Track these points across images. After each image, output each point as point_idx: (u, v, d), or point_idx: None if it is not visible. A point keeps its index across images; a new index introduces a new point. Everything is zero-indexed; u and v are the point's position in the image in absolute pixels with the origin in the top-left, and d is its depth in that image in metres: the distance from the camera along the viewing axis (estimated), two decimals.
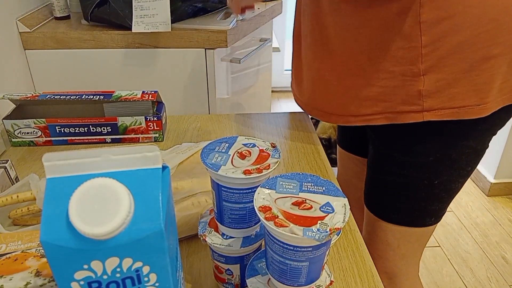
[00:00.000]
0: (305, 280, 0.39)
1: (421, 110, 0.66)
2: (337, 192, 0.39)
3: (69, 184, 0.29)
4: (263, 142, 0.47)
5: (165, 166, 0.32)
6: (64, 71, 1.15)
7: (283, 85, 3.15)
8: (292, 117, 0.96)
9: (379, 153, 0.77)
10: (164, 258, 0.30)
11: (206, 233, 0.48)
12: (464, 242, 1.81)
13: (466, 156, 0.71)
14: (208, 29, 1.09)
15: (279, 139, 0.87)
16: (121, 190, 0.28)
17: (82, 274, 0.29)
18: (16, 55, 1.09)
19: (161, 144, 0.84)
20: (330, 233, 0.34)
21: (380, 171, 0.78)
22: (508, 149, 1.98)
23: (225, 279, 0.51)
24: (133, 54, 1.13)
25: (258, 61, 1.57)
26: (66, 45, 1.12)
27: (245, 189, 0.43)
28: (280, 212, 0.36)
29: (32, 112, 0.83)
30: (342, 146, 1.02)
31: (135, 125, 0.82)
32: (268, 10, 1.39)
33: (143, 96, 0.80)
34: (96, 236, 0.27)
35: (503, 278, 1.63)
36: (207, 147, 0.46)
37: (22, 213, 0.58)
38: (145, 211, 0.29)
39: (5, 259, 0.45)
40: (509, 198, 2.08)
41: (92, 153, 0.30)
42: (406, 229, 0.78)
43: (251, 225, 0.47)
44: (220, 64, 1.20)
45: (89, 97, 0.79)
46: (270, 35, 1.59)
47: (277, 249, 0.38)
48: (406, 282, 0.85)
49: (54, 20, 1.22)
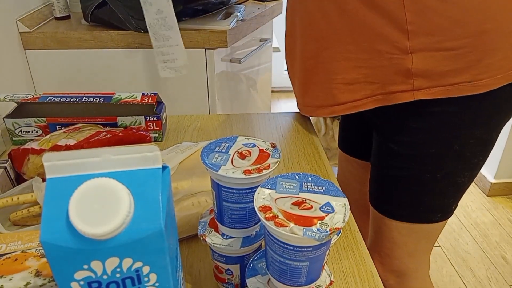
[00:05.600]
0: (305, 280, 0.39)
1: (411, 89, 0.64)
2: (337, 192, 0.39)
3: (69, 184, 0.29)
4: (263, 142, 0.47)
5: (165, 166, 0.32)
6: (64, 71, 1.15)
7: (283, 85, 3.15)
8: (292, 117, 0.96)
9: (380, 148, 0.76)
10: (164, 258, 0.30)
11: (206, 233, 0.48)
12: (464, 242, 1.81)
13: (471, 146, 0.68)
14: (208, 29, 1.09)
15: (279, 139, 0.87)
16: (121, 190, 0.28)
17: (82, 274, 0.29)
18: (16, 55, 1.09)
19: (161, 144, 0.84)
20: (330, 233, 0.34)
21: (382, 166, 0.76)
22: (508, 149, 1.98)
23: (225, 279, 0.51)
24: (133, 54, 1.13)
25: (258, 61, 1.57)
26: (66, 45, 1.12)
27: (245, 189, 0.43)
28: (280, 212, 0.36)
29: (33, 111, 0.84)
30: (342, 149, 1.01)
31: (135, 125, 0.82)
32: (268, 10, 1.39)
33: (143, 99, 0.80)
34: (96, 236, 0.27)
35: (503, 278, 1.63)
36: (207, 147, 0.46)
37: (22, 214, 0.58)
38: (145, 211, 0.29)
39: (5, 259, 0.45)
40: (509, 198, 2.08)
41: (92, 153, 0.30)
42: (412, 225, 0.76)
43: (251, 225, 0.47)
44: (220, 64, 1.20)
45: (89, 99, 0.79)
46: (270, 35, 1.59)
47: (277, 249, 0.38)
48: (414, 281, 0.83)
49: (54, 20, 1.22)
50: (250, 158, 0.44)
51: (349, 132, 0.97)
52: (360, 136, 0.92)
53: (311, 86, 0.75)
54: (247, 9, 1.31)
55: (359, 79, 0.67)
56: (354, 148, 0.97)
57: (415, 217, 0.75)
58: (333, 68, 0.69)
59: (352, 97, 0.69)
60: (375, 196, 0.81)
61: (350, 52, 0.66)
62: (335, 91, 0.70)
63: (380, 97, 0.67)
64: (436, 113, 0.66)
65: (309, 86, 0.76)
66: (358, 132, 0.94)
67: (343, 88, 0.69)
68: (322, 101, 0.74)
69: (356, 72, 0.67)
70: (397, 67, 0.63)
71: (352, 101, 0.69)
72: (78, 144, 0.69)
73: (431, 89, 0.63)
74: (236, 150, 0.45)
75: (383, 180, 0.77)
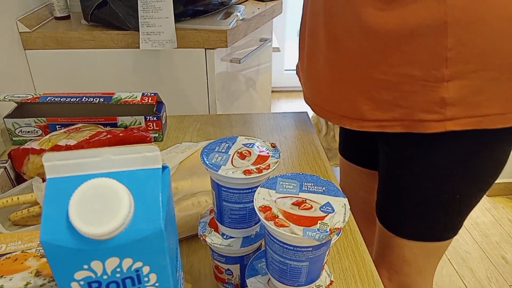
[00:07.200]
0: (305, 280, 0.39)
1: (443, 119, 0.60)
2: (337, 192, 0.39)
3: (69, 184, 0.29)
4: (263, 142, 0.47)
5: (165, 166, 0.32)
6: (64, 71, 1.15)
7: (283, 85, 3.15)
8: (292, 117, 0.96)
9: (391, 163, 0.72)
10: (164, 258, 0.30)
11: (206, 233, 0.48)
12: (464, 242, 1.81)
13: (488, 168, 0.67)
14: (208, 29, 1.09)
15: (279, 139, 0.87)
16: (121, 190, 0.28)
17: (82, 274, 0.29)
18: (16, 55, 1.09)
19: (161, 144, 0.84)
20: (330, 233, 0.34)
21: (394, 183, 0.73)
22: None
23: (225, 279, 0.51)
24: (133, 54, 1.13)
25: (258, 61, 1.57)
26: (66, 45, 1.12)
27: (245, 189, 0.43)
28: (280, 212, 0.36)
29: (33, 111, 0.84)
30: (344, 156, 0.97)
31: (135, 124, 0.82)
32: (268, 10, 1.38)
33: (143, 99, 0.80)
34: (96, 236, 0.27)
35: (503, 278, 1.63)
36: (207, 147, 0.46)
37: (22, 215, 0.58)
38: (145, 211, 0.29)
39: (5, 259, 0.45)
40: (509, 198, 2.08)
41: (92, 153, 0.30)
42: (424, 244, 0.74)
43: (251, 225, 0.47)
44: (220, 64, 1.20)
45: (89, 99, 0.79)
46: (270, 35, 1.59)
47: (277, 249, 0.38)
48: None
49: (54, 20, 1.22)
50: (250, 158, 0.44)
51: (350, 138, 0.93)
52: (363, 144, 0.89)
53: (335, 95, 0.71)
54: (247, 9, 1.31)
55: (389, 101, 0.63)
56: (356, 156, 0.93)
57: (428, 236, 0.74)
58: (362, 84, 0.65)
59: (380, 116, 0.65)
60: (385, 213, 0.78)
61: (380, 72, 0.62)
62: (364, 107, 0.66)
63: (408, 123, 0.63)
64: (459, 139, 0.63)
65: (333, 94, 0.72)
66: (360, 139, 0.90)
67: (371, 105, 0.65)
68: (347, 112, 0.69)
69: (385, 93, 0.63)
70: (430, 95, 0.60)
71: (380, 121, 0.65)
72: (79, 144, 0.69)
73: (463, 120, 0.60)
74: (236, 150, 0.45)
75: (394, 198, 0.74)
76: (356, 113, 0.67)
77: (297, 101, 3.05)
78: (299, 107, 2.84)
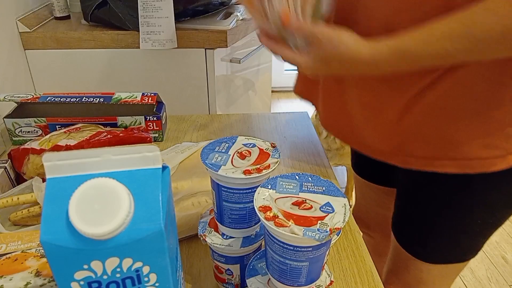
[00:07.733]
0: (305, 280, 0.39)
1: (505, 154, 0.55)
2: (337, 192, 0.39)
3: (69, 184, 0.29)
4: (263, 142, 0.47)
5: (165, 166, 0.32)
6: (64, 71, 1.15)
7: (283, 85, 3.15)
8: (292, 117, 0.96)
9: (415, 186, 0.68)
10: (164, 258, 0.30)
11: (206, 233, 0.48)
12: None
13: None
14: (208, 29, 1.09)
15: (279, 139, 0.87)
16: (121, 190, 0.28)
17: (82, 274, 0.29)
18: (16, 55, 1.09)
19: (161, 144, 0.84)
20: (330, 233, 0.34)
21: (418, 208, 0.68)
22: None
23: (225, 279, 0.51)
24: (133, 54, 1.13)
25: (258, 61, 1.57)
26: (66, 45, 1.12)
27: (245, 189, 0.43)
28: (280, 212, 0.36)
29: (33, 111, 0.84)
30: (358, 173, 0.91)
31: (135, 125, 0.82)
32: None
33: (143, 99, 0.80)
34: (96, 236, 0.27)
35: (503, 278, 1.63)
36: (207, 147, 0.46)
37: (22, 215, 0.58)
38: (145, 211, 0.29)
39: (5, 259, 0.45)
40: None
41: (92, 153, 0.30)
42: (444, 266, 0.71)
43: (251, 225, 0.47)
44: (220, 64, 1.20)
45: (89, 99, 0.79)
46: None
47: (277, 249, 0.38)
48: None
49: (54, 20, 1.22)
50: (250, 158, 0.44)
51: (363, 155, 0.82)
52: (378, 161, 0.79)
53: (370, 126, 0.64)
54: None
55: None
56: (372, 174, 0.87)
57: (450, 259, 0.71)
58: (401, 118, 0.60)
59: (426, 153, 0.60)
60: (404, 235, 0.74)
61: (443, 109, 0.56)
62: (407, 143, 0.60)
63: (464, 162, 0.58)
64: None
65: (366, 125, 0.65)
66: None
67: (413, 139, 0.60)
68: (381, 145, 0.64)
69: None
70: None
71: (427, 158, 0.60)
72: (79, 145, 0.69)
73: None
74: (236, 150, 0.45)
75: (417, 221, 0.70)
76: (394, 146, 0.62)
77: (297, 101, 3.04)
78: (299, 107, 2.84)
